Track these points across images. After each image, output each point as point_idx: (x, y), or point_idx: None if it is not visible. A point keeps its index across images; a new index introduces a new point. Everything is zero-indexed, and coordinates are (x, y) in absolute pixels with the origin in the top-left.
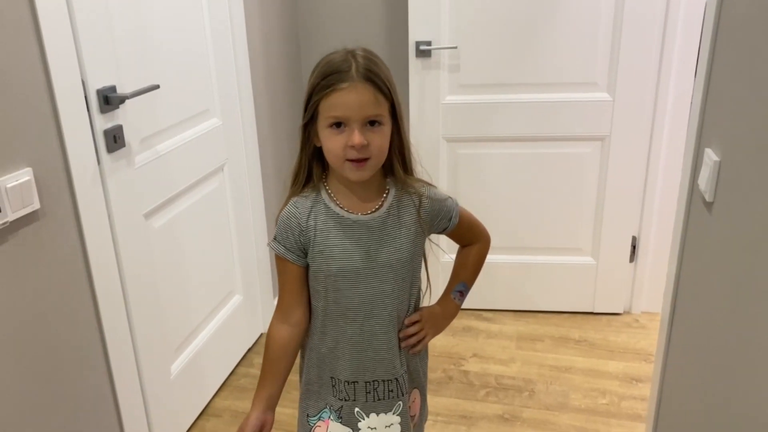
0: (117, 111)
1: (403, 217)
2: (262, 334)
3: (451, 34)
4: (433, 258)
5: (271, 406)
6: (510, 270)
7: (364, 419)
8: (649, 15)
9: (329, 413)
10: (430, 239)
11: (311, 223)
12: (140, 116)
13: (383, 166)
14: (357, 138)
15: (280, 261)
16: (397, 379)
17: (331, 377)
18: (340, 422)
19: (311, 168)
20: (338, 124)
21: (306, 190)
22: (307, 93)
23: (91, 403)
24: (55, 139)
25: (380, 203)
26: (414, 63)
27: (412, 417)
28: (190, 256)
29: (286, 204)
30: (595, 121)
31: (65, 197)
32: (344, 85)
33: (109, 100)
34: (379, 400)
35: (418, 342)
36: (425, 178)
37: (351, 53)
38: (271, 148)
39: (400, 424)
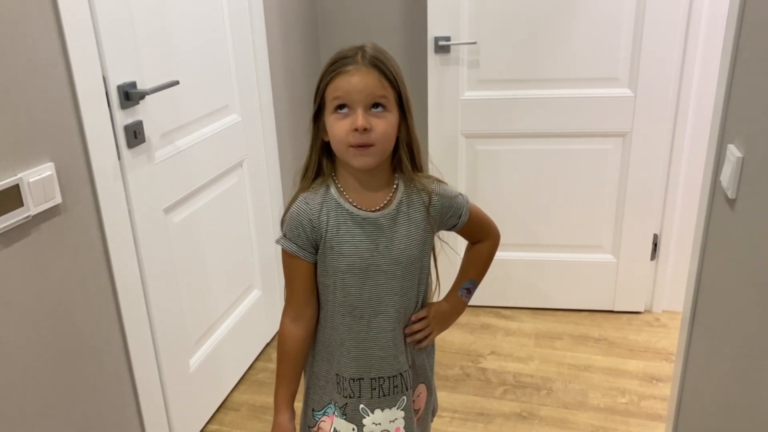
0: (137, 107)
1: (413, 214)
2: None
3: (471, 30)
4: (444, 255)
5: (293, 404)
6: (529, 267)
7: (368, 415)
8: (673, 8)
9: (333, 409)
10: (439, 237)
11: (323, 219)
12: (160, 112)
13: (392, 161)
14: (360, 120)
15: (290, 258)
16: (401, 374)
17: (336, 374)
18: (345, 419)
19: (321, 163)
20: (342, 107)
21: (315, 184)
22: (316, 84)
23: (111, 395)
24: (76, 134)
25: (389, 199)
26: (433, 59)
27: (417, 411)
28: (210, 251)
29: (294, 200)
30: (616, 117)
31: (86, 192)
32: (349, 68)
33: (129, 95)
34: (384, 396)
35: (425, 338)
36: (436, 174)
37: (360, 46)
38: (290, 144)
39: (404, 418)
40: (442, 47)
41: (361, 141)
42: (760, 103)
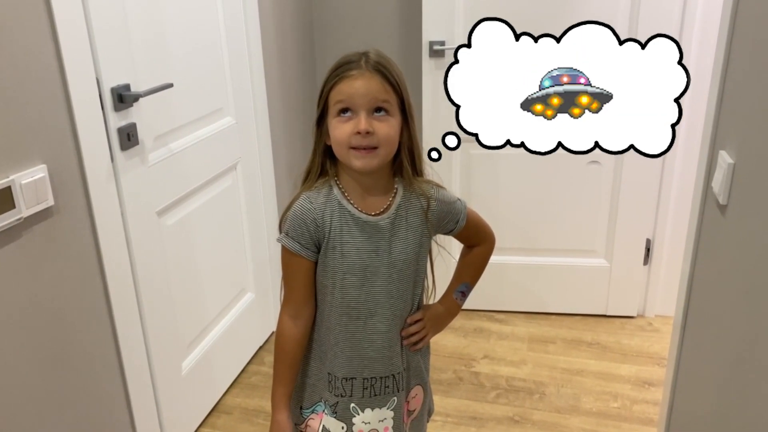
0: (131, 109)
1: (411, 218)
2: (273, 333)
3: (465, 34)
4: (440, 258)
5: (290, 402)
6: (523, 271)
7: (358, 414)
8: (665, 15)
9: (323, 407)
10: (437, 243)
11: (327, 219)
12: (154, 114)
13: (392, 166)
14: (363, 123)
15: (291, 257)
16: (394, 375)
17: (328, 373)
18: (335, 417)
19: (323, 167)
20: (345, 111)
21: (317, 184)
22: (320, 89)
23: (102, 398)
24: (69, 136)
25: (389, 203)
26: (427, 63)
27: (412, 411)
28: (203, 254)
29: (296, 198)
30: None
31: (79, 194)
32: (352, 73)
33: (123, 98)
34: (375, 396)
35: (420, 340)
36: (435, 179)
37: (364, 51)
38: (285, 147)
39: (393, 418)
40: (437, 51)
41: (364, 144)
42: (752, 110)
